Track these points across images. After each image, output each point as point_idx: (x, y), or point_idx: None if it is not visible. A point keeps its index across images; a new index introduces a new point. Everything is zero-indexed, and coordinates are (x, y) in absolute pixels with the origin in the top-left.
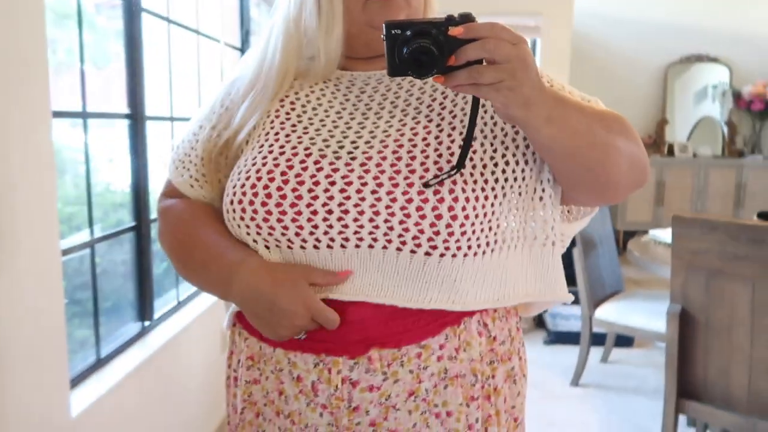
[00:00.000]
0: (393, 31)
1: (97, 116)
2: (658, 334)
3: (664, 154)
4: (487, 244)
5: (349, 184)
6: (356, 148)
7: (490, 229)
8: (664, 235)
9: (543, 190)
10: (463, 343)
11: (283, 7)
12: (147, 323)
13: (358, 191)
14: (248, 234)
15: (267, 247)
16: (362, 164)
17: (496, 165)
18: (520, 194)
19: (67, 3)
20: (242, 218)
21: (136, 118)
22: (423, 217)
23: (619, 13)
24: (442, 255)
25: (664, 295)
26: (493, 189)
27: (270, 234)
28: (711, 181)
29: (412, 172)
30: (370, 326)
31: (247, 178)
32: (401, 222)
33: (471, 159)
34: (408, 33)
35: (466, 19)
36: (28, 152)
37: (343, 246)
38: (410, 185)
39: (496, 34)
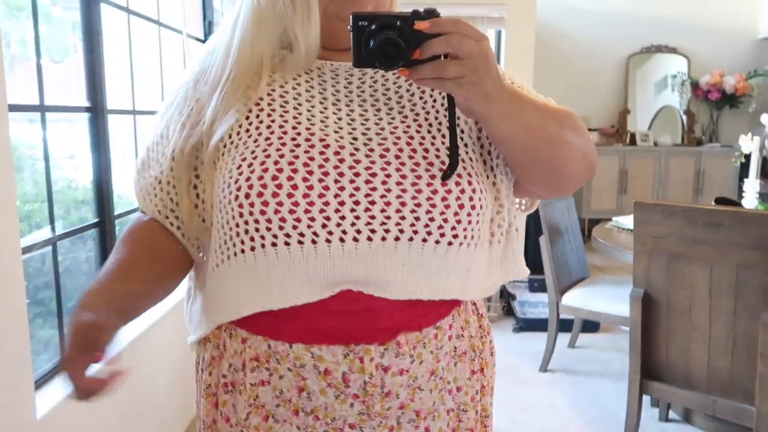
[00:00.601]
0: (360, 23)
1: (56, 110)
2: (623, 318)
3: (627, 143)
4: (492, 234)
5: (374, 175)
6: (369, 140)
7: (492, 220)
8: (627, 221)
9: (504, 182)
10: (464, 322)
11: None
12: None
13: (384, 182)
14: (267, 230)
15: (287, 244)
16: (382, 156)
17: (483, 159)
18: (500, 184)
19: None
20: (262, 212)
21: (97, 111)
22: (447, 206)
23: (581, 3)
24: (460, 244)
25: (628, 280)
26: (488, 178)
27: (294, 227)
28: (671, 169)
29: (431, 164)
30: (395, 313)
31: (265, 170)
32: (427, 212)
33: (466, 152)
34: (375, 25)
35: (432, 14)
36: None
37: (369, 239)
38: (432, 177)
39: (460, 30)
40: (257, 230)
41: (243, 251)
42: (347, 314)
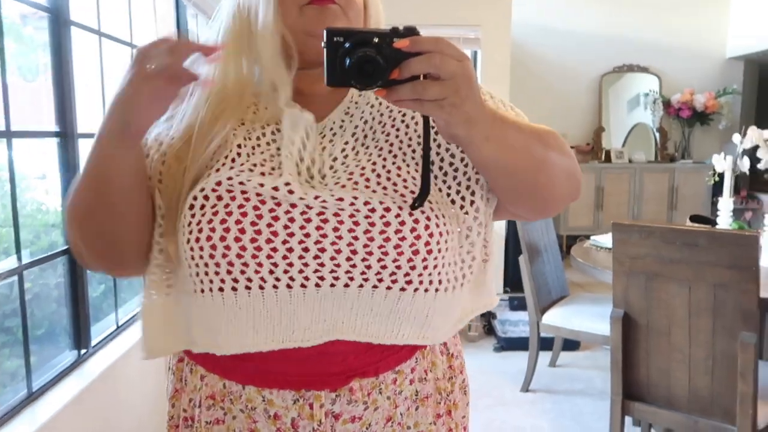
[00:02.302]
0: (335, 38)
1: (23, 135)
2: (603, 337)
3: (602, 160)
4: (456, 278)
5: (325, 221)
6: (323, 179)
7: (455, 263)
8: (604, 240)
9: (485, 212)
10: (430, 364)
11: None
12: (83, 351)
13: (335, 229)
14: (215, 274)
15: (234, 289)
16: (338, 199)
17: (457, 193)
18: (475, 218)
19: None
20: (211, 256)
21: (66, 135)
22: (401, 254)
23: (554, 24)
24: (416, 290)
25: (607, 298)
26: (456, 218)
27: (242, 272)
28: (646, 185)
29: (387, 210)
30: (349, 358)
31: (214, 213)
32: (379, 260)
33: (435, 184)
34: (351, 42)
35: (411, 32)
36: None
37: (317, 285)
38: (386, 224)
39: (442, 49)
40: (206, 273)
41: (194, 291)
42: (299, 358)
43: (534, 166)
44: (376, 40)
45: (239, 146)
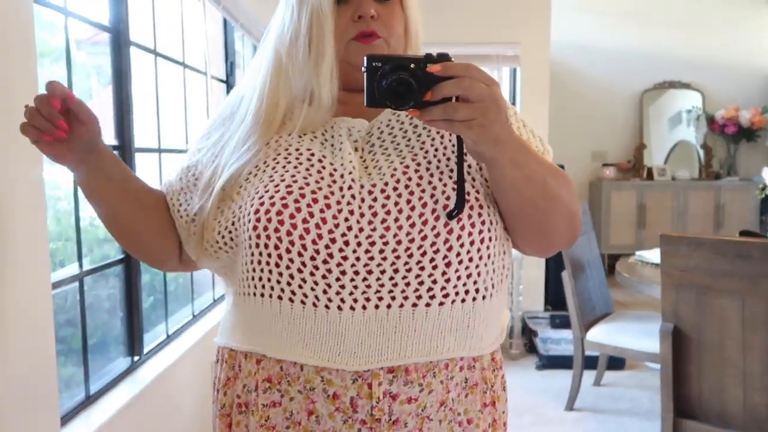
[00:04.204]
0: (374, 63)
1: None
2: (649, 354)
3: (644, 178)
4: (485, 288)
5: (373, 244)
6: (367, 201)
7: (495, 270)
8: (650, 255)
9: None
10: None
11: (270, 43)
12: (136, 358)
13: (394, 250)
14: (277, 282)
15: (291, 300)
16: (395, 219)
17: (489, 207)
18: (498, 230)
19: (44, 41)
20: (277, 264)
21: (124, 149)
22: (435, 267)
23: (594, 42)
24: (453, 302)
25: (653, 315)
26: (496, 230)
27: (300, 287)
28: (690, 203)
29: (425, 223)
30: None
31: (280, 222)
32: (417, 276)
33: (467, 200)
34: (388, 66)
35: (444, 58)
36: (18, 185)
37: (364, 307)
38: (424, 238)
39: (472, 74)
40: (269, 279)
41: (254, 294)
42: None
43: (546, 200)
44: (411, 65)
45: (282, 151)
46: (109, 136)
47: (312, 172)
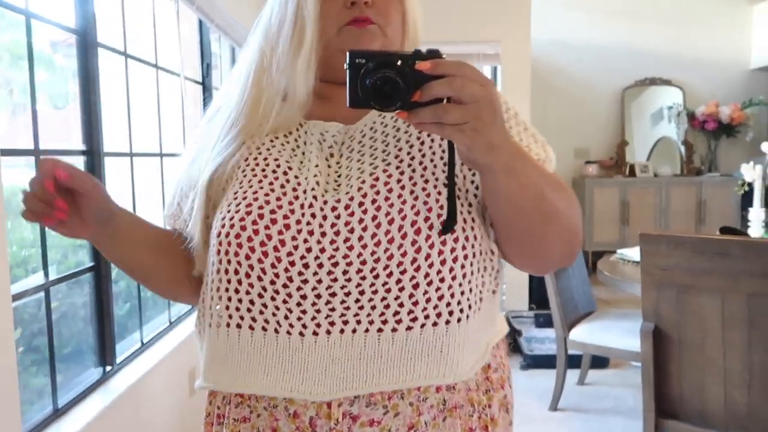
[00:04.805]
0: (357, 60)
1: (50, 153)
2: (633, 353)
3: (626, 175)
4: (460, 310)
5: (336, 265)
6: (329, 219)
7: (471, 290)
8: (631, 253)
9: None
10: None
11: (256, 37)
12: (108, 368)
13: (359, 271)
14: (236, 309)
15: (251, 328)
16: (359, 237)
17: (473, 221)
18: (482, 245)
19: (21, 42)
20: (236, 290)
21: (93, 154)
22: (402, 289)
23: (577, 40)
24: (422, 326)
25: (636, 313)
26: (473, 247)
27: (261, 312)
28: (672, 199)
29: (391, 241)
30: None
31: (239, 246)
32: (383, 299)
33: (464, 209)
34: (372, 63)
35: (434, 54)
36: None
37: (328, 332)
38: (390, 257)
39: (464, 72)
40: (227, 308)
41: (211, 325)
42: None
43: (542, 213)
44: (398, 62)
45: (251, 159)
46: (76, 141)
47: (275, 187)
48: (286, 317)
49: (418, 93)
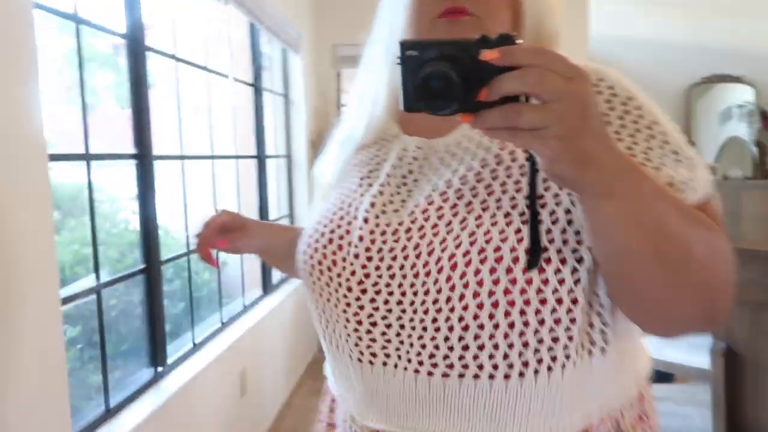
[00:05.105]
0: (408, 52)
1: (101, 158)
2: (701, 370)
3: None
4: (567, 356)
5: (411, 303)
6: (384, 236)
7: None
8: None
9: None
10: None
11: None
12: (159, 369)
13: (422, 318)
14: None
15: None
16: (427, 274)
17: (569, 252)
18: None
19: (91, 45)
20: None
21: (143, 157)
22: (498, 335)
23: (636, 35)
24: (506, 376)
25: None
26: (571, 287)
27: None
28: (744, 204)
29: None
30: None
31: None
32: (479, 345)
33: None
34: (426, 54)
35: (506, 40)
36: (24, 198)
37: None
38: (492, 312)
39: (544, 62)
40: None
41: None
42: None
43: (664, 257)
44: (457, 53)
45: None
46: (127, 145)
47: (334, 214)
48: (356, 345)
49: (484, 90)
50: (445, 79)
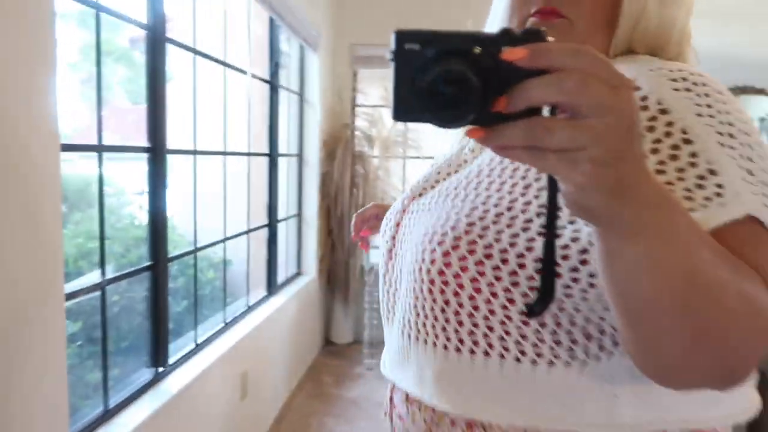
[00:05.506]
0: (406, 46)
1: (111, 149)
2: None
3: None
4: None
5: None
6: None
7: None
8: None
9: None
10: None
11: None
12: (160, 370)
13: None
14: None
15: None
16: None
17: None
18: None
19: (109, 40)
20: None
21: (156, 151)
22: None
23: None
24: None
25: None
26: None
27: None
28: None
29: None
30: None
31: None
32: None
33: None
34: (431, 50)
35: (535, 36)
36: (34, 188)
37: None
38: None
39: (584, 65)
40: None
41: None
42: None
43: (690, 317)
44: (473, 48)
45: None
46: (136, 141)
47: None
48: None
49: (503, 98)
50: (461, 82)
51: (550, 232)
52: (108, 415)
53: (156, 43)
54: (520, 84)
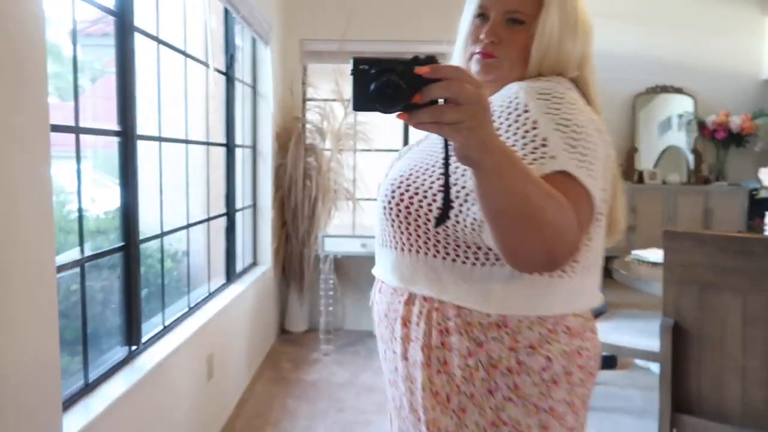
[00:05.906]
0: (361, 66)
1: (90, 132)
2: (646, 351)
3: (635, 181)
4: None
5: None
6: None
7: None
8: (646, 254)
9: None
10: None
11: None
12: (134, 348)
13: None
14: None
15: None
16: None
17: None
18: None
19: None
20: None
21: (127, 135)
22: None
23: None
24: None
25: (647, 314)
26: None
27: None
28: (680, 207)
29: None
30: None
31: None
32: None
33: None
34: (376, 69)
35: (431, 60)
36: (25, 166)
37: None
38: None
39: (460, 76)
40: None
41: None
42: None
43: (524, 217)
44: (399, 67)
45: None
46: (111, 122)
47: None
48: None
49: (417, 96)
50: (396, 87)
51: (446, 174)
52: (88, 388)
53: (124, 29)
54: (426, 87)
